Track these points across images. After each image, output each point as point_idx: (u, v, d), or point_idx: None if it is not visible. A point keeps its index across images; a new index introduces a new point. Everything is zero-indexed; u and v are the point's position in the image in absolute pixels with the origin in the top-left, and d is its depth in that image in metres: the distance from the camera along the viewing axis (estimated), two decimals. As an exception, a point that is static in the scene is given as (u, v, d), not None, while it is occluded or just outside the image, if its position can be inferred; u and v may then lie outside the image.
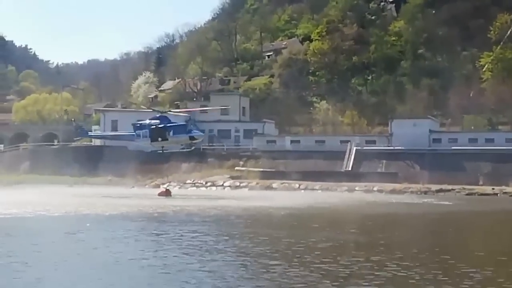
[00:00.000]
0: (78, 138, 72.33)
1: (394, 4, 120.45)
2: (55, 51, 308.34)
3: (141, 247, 23.28)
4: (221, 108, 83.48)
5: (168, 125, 58.45)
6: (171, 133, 58.02)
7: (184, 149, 63.27)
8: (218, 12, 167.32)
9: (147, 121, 59.83)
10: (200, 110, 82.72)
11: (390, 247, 23.53)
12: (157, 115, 59.64)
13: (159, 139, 58.44)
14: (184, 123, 60.93)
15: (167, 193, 57.73)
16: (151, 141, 59.05)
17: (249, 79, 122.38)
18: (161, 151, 61.57)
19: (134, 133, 60.51)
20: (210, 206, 43.47)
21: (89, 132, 73.80)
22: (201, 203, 47.68)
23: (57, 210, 38.84)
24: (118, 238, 25.89)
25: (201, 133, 63.15)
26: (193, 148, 64.91)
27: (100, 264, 19.34)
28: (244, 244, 24.17)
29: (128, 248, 22.97)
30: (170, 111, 63.40)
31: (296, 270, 18.19)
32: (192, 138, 59.33)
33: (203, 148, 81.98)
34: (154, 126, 58.28)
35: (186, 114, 69.35)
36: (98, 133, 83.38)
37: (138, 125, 60.43)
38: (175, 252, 21.70)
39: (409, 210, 45.60)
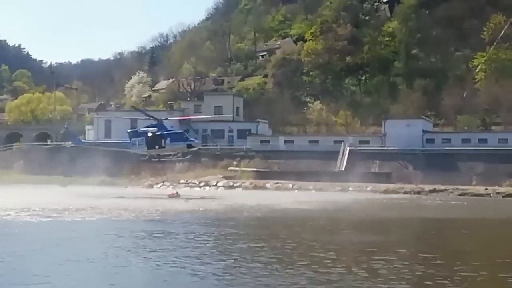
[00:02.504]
0: (71, 145, 70.98)
1: (388, 5, 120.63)
2: (49, 50, 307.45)
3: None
4: (215, 110, 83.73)
5: (165, 132, 58.14)
6: (168, 140, 57.70)
7: (180, 157, 62.94)
8: (212, 12, 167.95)
9: (142, 129, 59.49)
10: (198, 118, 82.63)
11: None
12: (153, 123, 59.23)
13: (156, 146, 58.04)
14: (181, 130, 60.73)
15: (176, 195, 57.25)
16: (148, 149, 58.50)
17: (242, 79, 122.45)
18: (157, 159, 61.32)
19: (129, 141, 60.10)
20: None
21: (83, 140, 73.21)
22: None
23: (92, 214, 36.93)
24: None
25: (198, 141, 62.93)
26: (189, 156, 64.59)
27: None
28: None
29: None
30: (166, 118, 62.85)
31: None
32: (189, 146, 59.10)
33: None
34: (150, 134, 57.92)
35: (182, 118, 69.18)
36: (92, 140, 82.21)
37: (134, 132, 60.04)
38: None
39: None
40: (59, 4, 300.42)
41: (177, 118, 68.63)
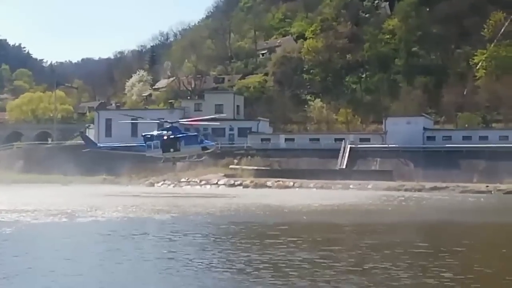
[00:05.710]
0: (86, 150, 70.44)
1: (388, 2, 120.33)
2: (49, 50, 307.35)
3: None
4: (216, 109, 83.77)
5: (180, 135, 58.51)
6: (182, 143, 58.13)
7: (196, 158, 63.36)
8: (212, 11, 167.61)
9: (155, 132, 59.77)
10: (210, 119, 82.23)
11: None
12: (168, 126, 59.67)
13: (171, 150, 58.59)
14: (196, 133, 61.09)
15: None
16: (163, 152, 59.21)
17: (243, 77, 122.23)
18: (173, 163, 61.98)
19: (145, 144, 60.42)
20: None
21: (98, 144, 72.69)
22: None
23: (136, 214, 37.01)
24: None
25: (213, 143, 63.22)
26: (203, 158, 64.97)
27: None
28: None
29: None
30: (178, 121, 63.05)
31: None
32: (204, 148, 59.54)
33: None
34: (165, 137, 58.25)
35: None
36: (108, 144, 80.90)
37: (149, 135, 60.37)
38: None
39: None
40: (59, 3, 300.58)
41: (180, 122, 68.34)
